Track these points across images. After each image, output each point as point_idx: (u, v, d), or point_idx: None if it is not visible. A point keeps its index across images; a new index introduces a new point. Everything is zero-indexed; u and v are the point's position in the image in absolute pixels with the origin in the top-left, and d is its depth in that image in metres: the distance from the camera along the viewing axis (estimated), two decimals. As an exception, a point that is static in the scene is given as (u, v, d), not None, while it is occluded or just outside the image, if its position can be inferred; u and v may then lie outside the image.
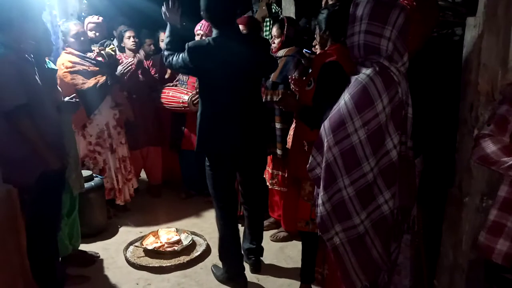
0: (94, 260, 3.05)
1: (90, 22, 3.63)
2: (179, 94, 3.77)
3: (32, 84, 2.17)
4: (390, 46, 1.66)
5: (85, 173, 3.21)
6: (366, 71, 1.66)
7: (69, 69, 3.19)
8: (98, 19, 3.65)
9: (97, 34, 3.64)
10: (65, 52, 3.26)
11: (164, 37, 2.61)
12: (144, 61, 4.08)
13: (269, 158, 3.16)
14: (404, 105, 1.72)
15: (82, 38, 3.29)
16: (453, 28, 2.34)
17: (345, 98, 1.69)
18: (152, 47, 4.39)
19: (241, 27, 3.02)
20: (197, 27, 3.60)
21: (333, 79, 2.15)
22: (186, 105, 3.68)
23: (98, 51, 3.49)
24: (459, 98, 2.01)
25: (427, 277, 2.20)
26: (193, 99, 3.65)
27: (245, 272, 2.75)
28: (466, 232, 2.00)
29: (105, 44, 4.02)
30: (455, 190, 2.06)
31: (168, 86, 3.95)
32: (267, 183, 3.23)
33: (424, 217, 2.11)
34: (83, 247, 3.09)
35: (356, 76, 1.70)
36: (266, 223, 3.47)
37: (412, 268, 2.14)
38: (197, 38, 3.66)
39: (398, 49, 1.67)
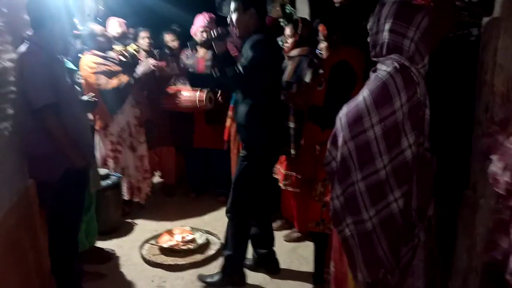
0: (110, 257, 3.10)
1: (112, 20, 3.75)
2: (191, 92, 3.73)
3: (61, 84, 2.21)
4: (413, 47, 1.67)
5: (102, 171, 3.27)
6: (387, 69, 1.68)
7: (93, 70, 3.25)
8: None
9: (119, 32, 3.73)
10: (88, 54, 3.31)
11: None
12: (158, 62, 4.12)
13: (282, 158, 3.13)
14: (422, 106, 1.72)
15: (104, 39, 3.36)
16: (469, 28, 2.32)
17: (364, 93, 1.70)
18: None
19: None
20: (200, 23, 3.60)
21: (344, 78, 2.16)
22: (203, 103, 3.67)
23: (121, 51, 3.54)
24: (475, 99, 2.00)
25: (440, 279, 2.18)
26: (209, 96, 3.65)
27: (259, 273, 2.78)
28: (480, 234, 1.97)
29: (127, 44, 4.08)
30: (470, 192, 2.04)
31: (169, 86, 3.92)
32: (280, 184, 3.22)
33: (437, 218, 2.09)
34: (98, 244, 3.14)
35: (376, 73, 1.72)
36: (279, 223, 3.49)
37: (425, 270, 2.13)
38: (202, 35, 3.69)
39: (420, 51, 1.69)
